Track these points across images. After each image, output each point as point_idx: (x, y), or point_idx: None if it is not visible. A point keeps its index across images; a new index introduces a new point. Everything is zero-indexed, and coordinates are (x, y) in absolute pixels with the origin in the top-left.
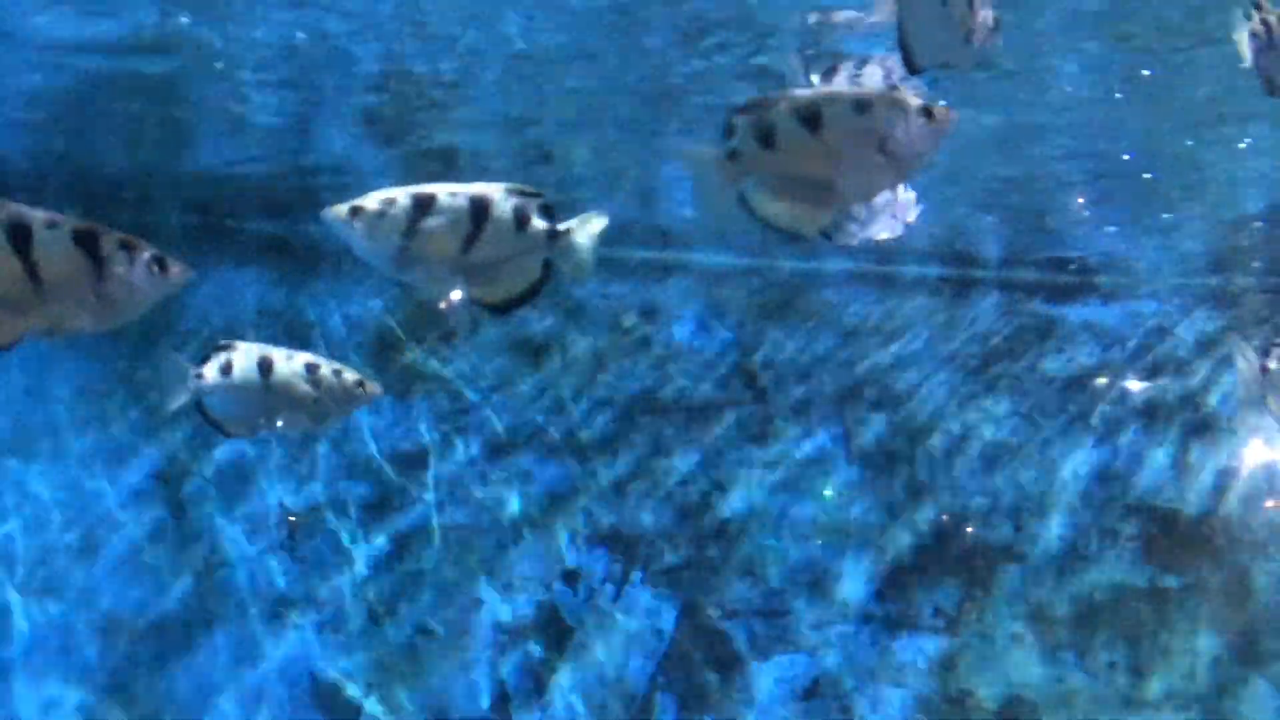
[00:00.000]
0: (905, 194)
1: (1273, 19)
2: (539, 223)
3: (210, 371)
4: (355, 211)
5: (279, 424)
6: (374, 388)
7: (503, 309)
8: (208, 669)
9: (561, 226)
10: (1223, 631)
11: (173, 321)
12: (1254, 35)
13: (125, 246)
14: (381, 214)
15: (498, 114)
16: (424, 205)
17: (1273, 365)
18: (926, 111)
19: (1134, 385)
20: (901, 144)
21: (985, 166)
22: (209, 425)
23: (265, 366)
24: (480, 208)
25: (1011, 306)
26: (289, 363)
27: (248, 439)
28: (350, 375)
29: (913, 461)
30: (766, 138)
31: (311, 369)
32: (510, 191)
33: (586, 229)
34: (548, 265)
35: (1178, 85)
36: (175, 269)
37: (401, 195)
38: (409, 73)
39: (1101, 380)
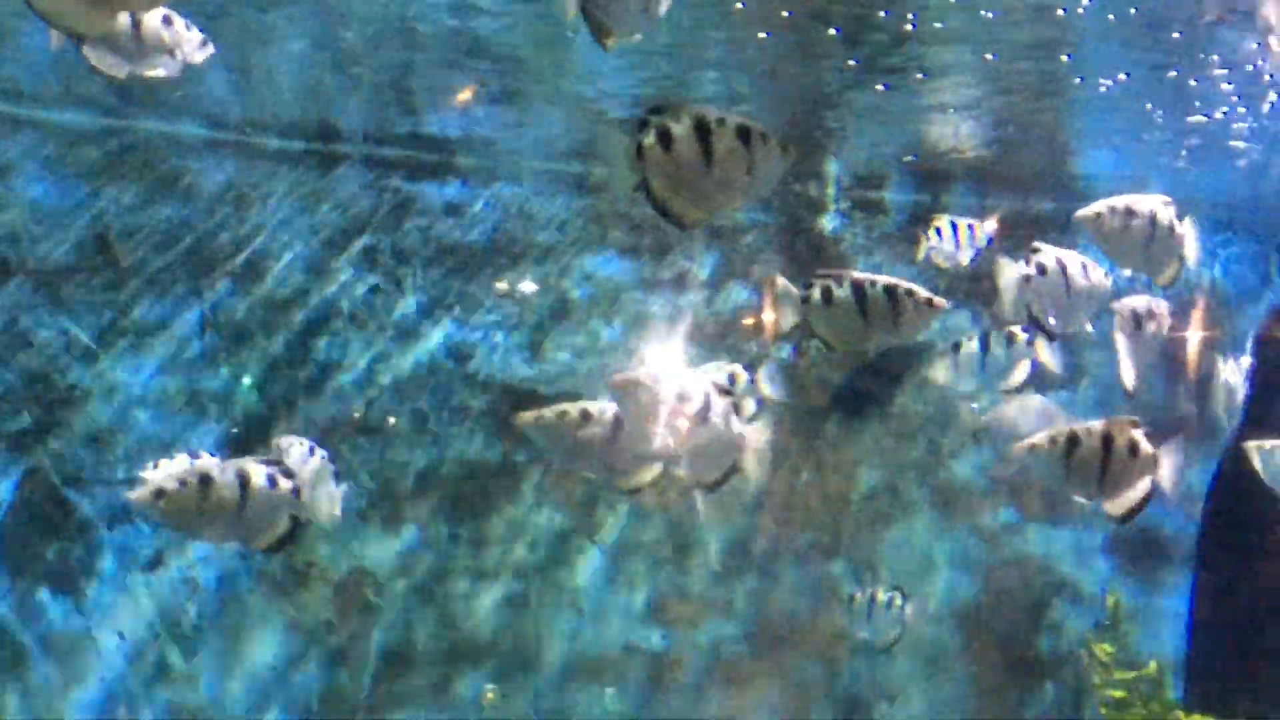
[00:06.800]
0: (189, 33)
1: None
2: None
3: None
4: None
5: None
6: None
7: None
8: None
9: None
10: (565, 505)
11: None
12: None
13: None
14: None
15: None
16: None
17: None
18: None
19: (494, 266)
20: None
21: (347, 36)
22: None
23: None
24: None
25: (374, 182)
26: None
27: None
28: None
29: (269, 333)
30: None
31: None
32: None
33: None
34: None
35: None
36: None
37: None
38: None
39: (461, 259)
